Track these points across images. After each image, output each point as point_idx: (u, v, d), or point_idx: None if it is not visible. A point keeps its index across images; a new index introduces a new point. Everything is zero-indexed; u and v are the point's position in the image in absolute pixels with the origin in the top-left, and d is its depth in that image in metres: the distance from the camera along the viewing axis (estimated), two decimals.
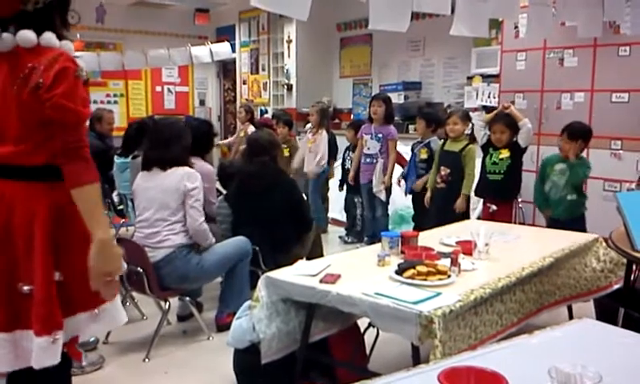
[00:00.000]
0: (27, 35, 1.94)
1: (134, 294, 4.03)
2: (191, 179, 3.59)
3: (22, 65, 1.92)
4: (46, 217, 1.94)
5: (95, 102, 9.66)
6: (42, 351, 1.90)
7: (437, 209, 5.10)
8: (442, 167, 5.02)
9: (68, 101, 1.89)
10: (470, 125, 5.10)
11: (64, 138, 1.91)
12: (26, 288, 1.92)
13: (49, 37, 1.96)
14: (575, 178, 4.46)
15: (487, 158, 4.82)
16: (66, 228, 1.97)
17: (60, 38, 2.01)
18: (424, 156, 5.49)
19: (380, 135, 5.74)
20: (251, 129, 7.29)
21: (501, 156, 4.74)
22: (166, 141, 3.67)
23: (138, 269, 3.46)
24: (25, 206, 1.95)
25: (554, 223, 4.42)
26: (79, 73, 1.94)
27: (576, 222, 4.36)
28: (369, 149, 5.82)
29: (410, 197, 5.77)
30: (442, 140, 5.25)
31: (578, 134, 4.49)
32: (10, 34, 1.96)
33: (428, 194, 5.20)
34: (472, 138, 5.09)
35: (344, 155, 6.58)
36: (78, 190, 1.90)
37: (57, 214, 1.95)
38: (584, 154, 4.64)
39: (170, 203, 3.55)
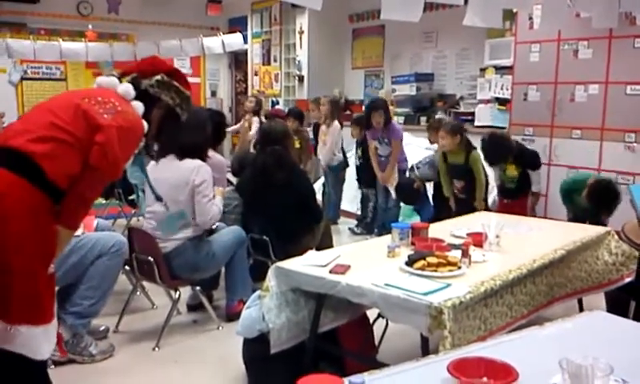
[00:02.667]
0: (128, 88, 2.30)
1: (145, 283, 4.05)
2: (200, 173, 3.57)
3: (106, 95, 2.20)
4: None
5: None
6: None
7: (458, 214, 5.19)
8: (455, 180, 5.11)
9: (119, 150, 2.09)
10: (462, 138, 5.10)
11: (89, 183, 2.10)
12: None
13: (140, 105, 2.30)
14: None
15: (502, 172, 5.13)
16: (14, 224, 1.94)
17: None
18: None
19: (386, 139, 6.02)
20: (255, 120, 7.32)
21: (510, 173, 5.05)
22: (186, 128, 3.60)
23: (149, 258, 3.47)
24: None
25: None
26: (139, 142, 2.25)
27: None
28: (380, 151, 6.10)
29: None
30: (442, 152, 5.29)
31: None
32: (116, 80, 2.34)
33: (452, 201, 5.32)
34: (470, 147, 5.10)
35: (356, 152, 6.58)
36: (65, 232, 2.12)
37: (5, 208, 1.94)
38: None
39: (178, 197, 3.55)
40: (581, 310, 3.43)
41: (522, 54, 6.08)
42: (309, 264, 2.68)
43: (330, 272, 2.56)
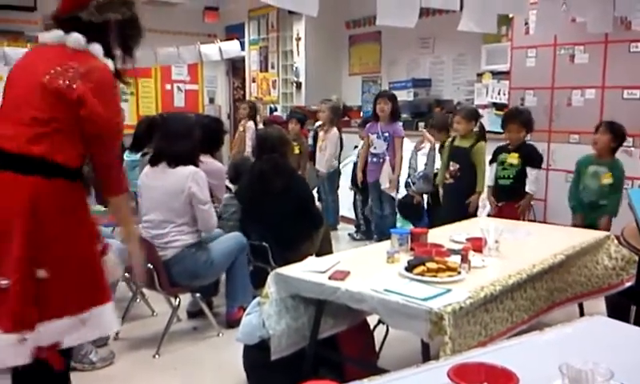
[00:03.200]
0: (78, 38, 2.08)
1: (144, 290, 4.05)
2: (196, 180, 3.57)
3: (63, 61, 2.03)
4: (24, 210, 1.92)
5: None
6: (8, 349, 1.87)
7: (445, 204, 5.11)
8: (452, 163, 5.01)
9: (106, 110, 2.02)
10: (478, 123, 5.09)
11: (100, 151, 2.07)
12: (3, 282, 1.89)
13: (98, 48, 2.10)
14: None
15: (498, 164, 4.87)
16: (48, 224, 1.95)
17: (111, 56, 2.15)
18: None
19: (387, 134, 5.72)
20: (250, 125, 7.33)
21: (510, 160, 4.77)
22: (175, 136, 3.65)
23: (149, 265, 3.47)
24: (8, 198, 1.94)
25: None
26: (116, 86, 2.11)
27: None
28: (375, 148, 5.79)
29: None
30: (452, 137, 5.24)
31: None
32: (61, 32, 2.10)
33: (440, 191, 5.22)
34: (482, 135, 5.07)
35: (358, 153, 6.56)
36: (117, 199, 2.16)
37: (35, 209, 1.93)
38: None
39: (174, 205, 3.55)
40: (581, 314, 3.42)
41: (518, 59, 6.10)
42: (308, 270, 2.69)
43: (330, 278, 2.56)
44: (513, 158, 4.76)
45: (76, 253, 1.98)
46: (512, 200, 4.78)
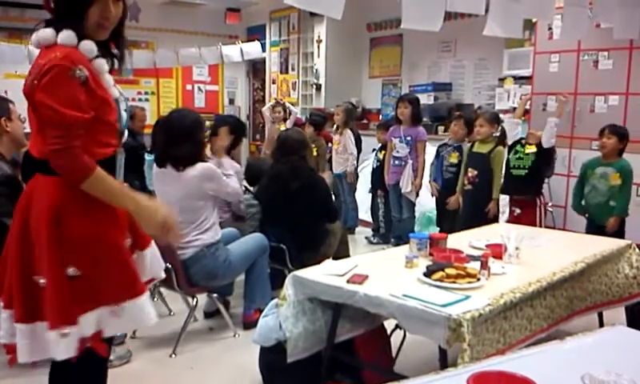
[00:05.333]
0: (45, 33, 1.97)
1: (162, 289, 4.07)
2: (210, 178, 3.59)
3: (37, 62, 1.95)
4: (47, 211, 1.94)
5: (127, 99, 9.78)
6: (55, 344, 1.92)
7: (464, 211, 5.08)
8: (470, 169, 4.99)
9: (49, 99, 1.86)
10: (499, 127, 5.06)
11: (48, 137, 1.90)
12: (41, 281, 1.94)
13: (65, 35, 1.95)
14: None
15: (512, 154, 4.83)
16: (70, 224, 1.95)
17: (89, 37, 1.99)
18: (454, 160, 5.43)
19: (409, 138, 5.70)
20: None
21: (527, 151, 4.74)
22: (177, 137, 3.56)
23: (167, 265, 3.48)
24: (38, 199, 1.97)
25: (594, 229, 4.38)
26: (73, 72, 1.89)
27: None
28: (398, 152, 5.78)
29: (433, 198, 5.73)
30: (470, 142, 5.21)
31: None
32: (40, 32, 1.99)
33: (456, 196, 5.18)
34: (501, 140, 5.04)
35: (376, 155, 6.54)
36: (83, 186, 1.93)
37: (56, 210, 1.94)
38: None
39: (192, 205, 3.55)
40: (601, 324, 3.38)
41: (541, 64, 6.05)
42: (326, 273, 2.68)
43: (348, 282, 2.56)
44: (531, 148, 4.77)
45: (101, 249, 1.98)
46: (524, 195, 4.76)
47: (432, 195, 5.70)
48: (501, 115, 5.49)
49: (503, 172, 4.91)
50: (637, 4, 4.31)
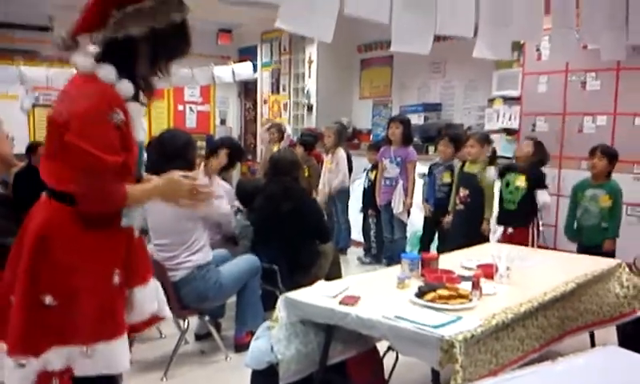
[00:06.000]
0: (80, 60, 1.94)
1: None
2: None
3: (65, 88, 1.94)
4: (35, 235, 1.90)
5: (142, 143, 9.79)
6: (10, 372, 1.86)
7: (454, 229, 5.10)
8: (461, 188, 5.02)
9: (85, 142, 1.81)
10: (490, 147, 5.10)
11: (81, 180, 1.85)
12: (13, 299, 1.89)
13: (107, 71, 1.91)
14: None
15: (504, 184, 4.85)
16: (56, 251, 1.89)
17: (134, 77, 1.96)
18: (447, 179, 5.47)
19: (399, 158, 5.75)
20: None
21: (517, 183, 4.75)
22: (168, 157, 3.51)
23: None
24: (33, 221, 1.95)
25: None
26: (110, 116, 1.86)
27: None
28: (389, 172, 5.83)
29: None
30: (461, 162, 5.25)
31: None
32: (76, 56, 1.95)
33: (449, 217, 5.20)
34: (492, 160, 5.07)
35: (365, 176, 6.57)
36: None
37: (45, 235, 1.90)
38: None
39: (182, 227, 3.55)
40: (592, 343, 3.39)
41: (529, 84, 6.11)
42: (318, 295, 2.68)
43: (340, 303, 2.55)
44: (520, 181, 4.75)
45: (84, 283, 1.89)
46: (519, 226, 4.78)
47: (425, 214, 5.73)
48: (491, 135, 5.54)
49: (497, 198, 4.94)
50: (622, 27, 4.37)
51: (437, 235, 5.61)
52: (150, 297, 2.17)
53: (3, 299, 1.94)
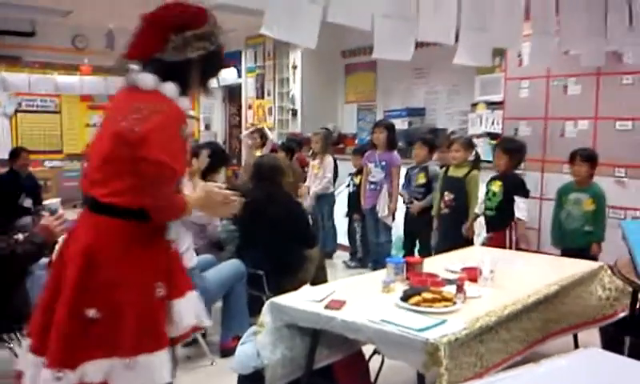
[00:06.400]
0: (146, 78, 2.03)
1: None
2: None
3: (131, 104, 1.99)
4: (82, 251, 1.94)
5: None
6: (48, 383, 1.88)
7: (441, 234, 5.14)
8: (446, 192, 5.05)
9: (164, 154, 1.92)
10: (474, 152, 5.15)
11: (154, 192, 1.95)
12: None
13: (170, 87, 2.03)
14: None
15: (485, 193, 4.90)
16: (102, 267, 1.94)
17: (187, 94, 2.09)
18: (422, 180, 5.56)
19: (384, 163, 5.78)
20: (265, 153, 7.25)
21: (493, 188, 4.77)
22: None
23: None
24: (78, 237, 1.99)
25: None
26: (183, 130, 2.00)
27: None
28: (373, 176, 5.85)
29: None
30: (444, 166, 5.29)
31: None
32: (136, 73, 2.06)
33: (415, 204, 5.27)
34: (476, 164, 5.12)
35: (349, 181, 6.60)
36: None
37: (92, 251, 1.93)
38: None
39: None
40: (576, 345, 3.43)
41: (511, 89, 6.18)
42: (304, 299, 2.69)
43: (326, 307, 2.56)
44: (495, 186, 4.77)
45: (129, 297, 1.94)
46: (497, 231, 4.79)
47: (404, 202, 5.79)
48: (474, 140, 5.59)
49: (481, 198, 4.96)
50: (601, 33, 4.44)
51: (418, 239, 5.65)
52: (189, 309, 2.21)
53: (44, 316, 1.97)
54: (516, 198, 4.66)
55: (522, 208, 4.66)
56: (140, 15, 2.09)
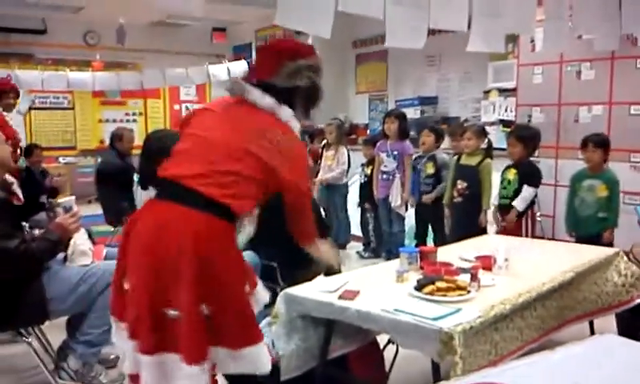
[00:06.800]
0: (266, 98, 2.18)
1: None
2: None
3: (256, 119, 2.15)
4: (195, 248, 1.98)
5: (115, 120, 9.82)
6: (191, 379, 1.98)
7: (454, 222, 5.11)
8: (459, 181, 5.02)
9: (305, 184, 2.23)
10: (486, 140, 5.11)
11: (301, 222, 2.40)
12: (172, 313, 1.99)
13: (288, 113, 2.22)
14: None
15: (500, 181, 4.86)
16: (214, 263, 2.01)
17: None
18: (431, 170, 5.53)
19: (395, 152, 5.77)
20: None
21: (508, 177, 4.74)
22: (157, 156, 3.51)
23: None
24: (178, 233, 2.01)
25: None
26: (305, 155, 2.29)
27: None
28: (386, 166, 5.84)
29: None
30: (457, 155, 5.26)
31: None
32: (253, 92, 2.19)
33: (446, 211, 5.21)
34: (488, 153, 5.09)
35: (361, 171, 6.58)
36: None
37: (204, 248, 2.00)
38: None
39: None
40: (592, 332, 3.41)
41: (524, 76, 6.13)
42: (318, 290, 2.69)
43: (340, 298, 2.57)
44: (510, 174, 4.74)
45: (233, 292, 2.06)
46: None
47: (411, 206, 5.79)
48: (487, 127, 5.56)
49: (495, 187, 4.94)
50: (615, 16, 4.38)
51: (431, 228, 5.63)
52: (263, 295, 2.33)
53: (148, 311, 2.01)
54: (524, 186, 4.63)
55: (523, 197, 4.65)
56: (257, 47, 2.30)
